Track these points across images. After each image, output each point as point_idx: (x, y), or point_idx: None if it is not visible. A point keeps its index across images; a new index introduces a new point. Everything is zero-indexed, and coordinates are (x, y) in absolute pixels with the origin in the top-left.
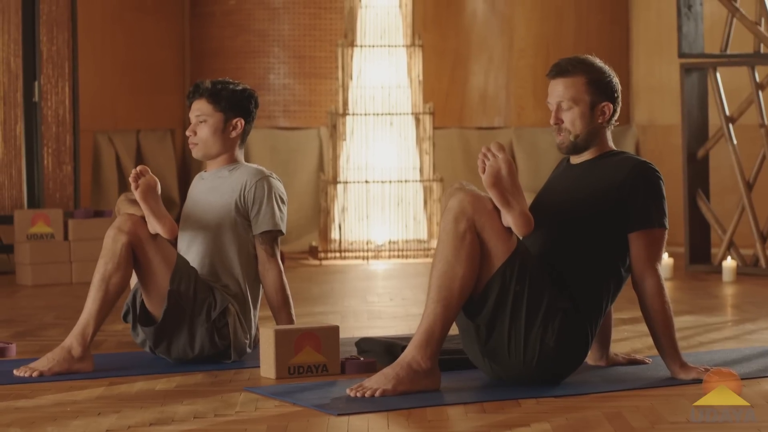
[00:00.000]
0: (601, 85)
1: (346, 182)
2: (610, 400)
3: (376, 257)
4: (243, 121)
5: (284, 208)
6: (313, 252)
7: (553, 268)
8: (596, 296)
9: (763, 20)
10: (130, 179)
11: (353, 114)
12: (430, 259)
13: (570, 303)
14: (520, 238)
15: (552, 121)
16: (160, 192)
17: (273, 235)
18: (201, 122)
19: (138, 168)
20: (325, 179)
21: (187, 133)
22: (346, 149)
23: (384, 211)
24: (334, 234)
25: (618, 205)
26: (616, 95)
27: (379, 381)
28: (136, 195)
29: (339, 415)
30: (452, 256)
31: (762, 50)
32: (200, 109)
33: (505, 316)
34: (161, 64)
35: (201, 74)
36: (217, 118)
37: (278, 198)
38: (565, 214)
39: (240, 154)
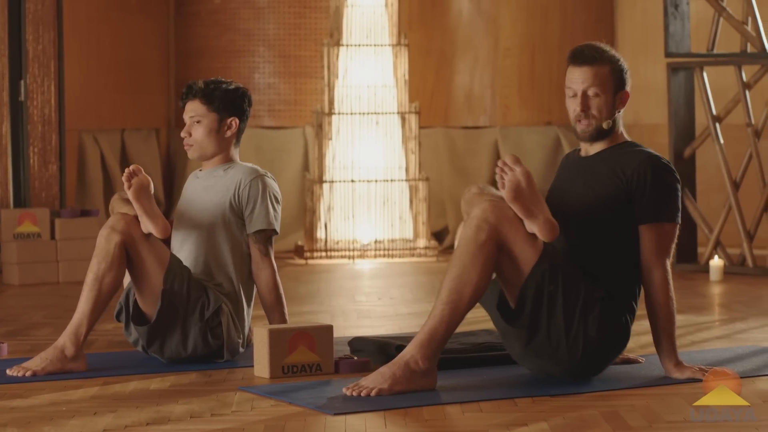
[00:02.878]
0: (622, 74)
1: (332, 181)
2: (606, 399)
3: (361, 256)
4: (237, 121)
5: (278, 208)
6: (298, 251)
7: (584, 261)
8: (627, 283)
9: (749, 20)
10: (123, 178)
11: (339, 113)
12: (416, 259)
13: (604, 291)
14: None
15: (579, 108)
16: (153, 191)
17: (267, 235)
18: (195, 123)
19: (131, 167)
20: (310, 178)
21: (182, 134)
22: (332, 148)
23: (370, 210)
24: (320, 233)
25: (629, 194)
26: (628, 83)
27: (375, 380)
28: (129, 194)
29: (336, 414)
30: (469, 263)
31: (749, 50)
32: (194, 110)
33: (543, 317)
34: (146, 63)
35: (186, 73)
36: (212, 118)
37: (272, 197)
38: (585, 209)
39: (235, 153)
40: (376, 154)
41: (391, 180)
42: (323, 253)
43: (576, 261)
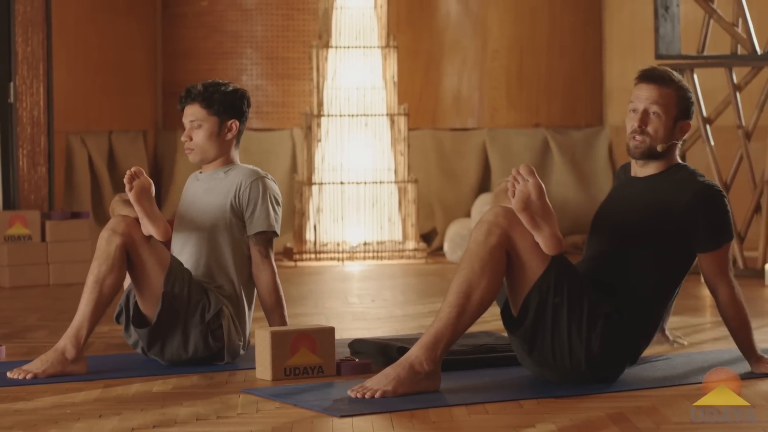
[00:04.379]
0: (687, 104)
1: (321, 183)
2: (610, 400)
3: (350, 258)
4: (237, 122)
5: (279, 209)
6: (287, 253)
7: (607, 276)
8: (645, 306)
9: (740, 21)
10: (125, 180)
11: (328, 115)
12: (404, 261)
13: (612, 307)
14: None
15: (637, 124)
16: (154, 194)
17: (267, 236)
18: (196, 127)
19: (133, 169)
20: (299, 180)
21: (183, 138)
22: (320, 150)
23: (359, 212)
24: (309, 235)
25: (683, 226)
26: (691, 115)
27: (380, 382)
28: (130, 197)
29: (342, 416)
30: (478, 267)
31: (739, 51)
32: (194, 114)
33: (545, 329)
34: (133, 65)
35: (173, 75)
36: (212, 122)
37: (273, 199)
38: (627, 227)
39: (236, 154)
40: (365, 156)
41: (380, 182)
42: (312, 255)
43: (603, 273)
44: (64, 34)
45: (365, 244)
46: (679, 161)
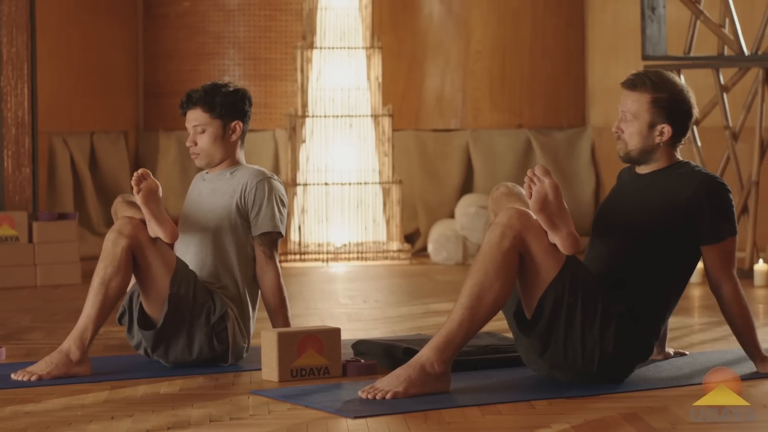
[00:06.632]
0: (665, 106)
1: (306, 184)
2: (620, 400)
3: (335, 259)
4: (241, 123)
5: (284, 210)
6: None
7: (616, 275)
8: (656, 304)
9: (727, 22)
10: (132, 183)
11: (312, 116)
12: (389, 262)
13: (624, 307)
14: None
15: (613, 129)
16: (161, 195)
17: (272, 237)
18: (200, 132)
19: (140, 171)
20: (284, 181)
21: (188, 143)
22: (305, 151)
23: (343, 213)
24: (294, 236)
25: (686, 221)
26: (679, 117)
27: (390, 383)
28: (138, 199)
29: (356, 417)
30: (492, 269)
31: (726, 52)
32: (197, 118)
33: (559, 329)
34: (115, 66)
35: (155, 76)
36: (216, 125)
37: (278, 200)
38: (633, 225)
39: (241, 155)
40: (349, 157)
41: (365, 183)
42: (297, 256)
43: (614, 273)
44: (47, 35)
45: (350, 244)
46: (680, 158)
